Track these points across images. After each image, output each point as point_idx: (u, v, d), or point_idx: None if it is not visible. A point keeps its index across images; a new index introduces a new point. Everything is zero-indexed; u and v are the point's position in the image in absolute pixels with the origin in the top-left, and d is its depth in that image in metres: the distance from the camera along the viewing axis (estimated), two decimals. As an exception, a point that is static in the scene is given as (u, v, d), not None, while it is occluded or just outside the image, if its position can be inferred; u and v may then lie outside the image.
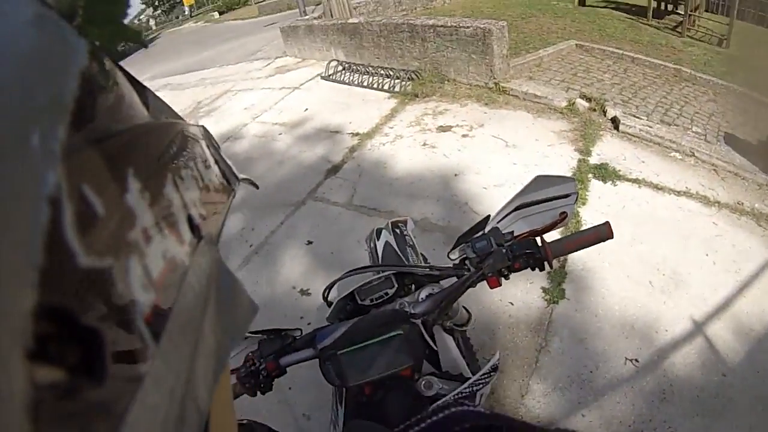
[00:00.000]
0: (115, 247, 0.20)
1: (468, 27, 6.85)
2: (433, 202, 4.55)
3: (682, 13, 11.82)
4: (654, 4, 12.75)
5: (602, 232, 1.25)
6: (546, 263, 1.25)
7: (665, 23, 12.36)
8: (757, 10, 18.69)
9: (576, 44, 8.81)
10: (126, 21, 0.33)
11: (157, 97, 0.33)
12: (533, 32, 10.04)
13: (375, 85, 7.87)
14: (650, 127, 5.61)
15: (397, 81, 7.61)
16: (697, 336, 3.27)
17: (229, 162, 0.39)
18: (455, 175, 4.91)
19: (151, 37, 58.67)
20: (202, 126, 0.38)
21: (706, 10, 13.74)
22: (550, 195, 1.30)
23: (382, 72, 8.05)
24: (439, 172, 5.02)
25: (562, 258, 3.72)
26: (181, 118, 0.35)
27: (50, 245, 0.16)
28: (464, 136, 5.68)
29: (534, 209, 1.31)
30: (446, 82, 7.22)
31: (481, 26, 6.73)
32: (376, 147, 5.83)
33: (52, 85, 0.19)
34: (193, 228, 0.28)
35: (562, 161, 4.98)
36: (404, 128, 6.13)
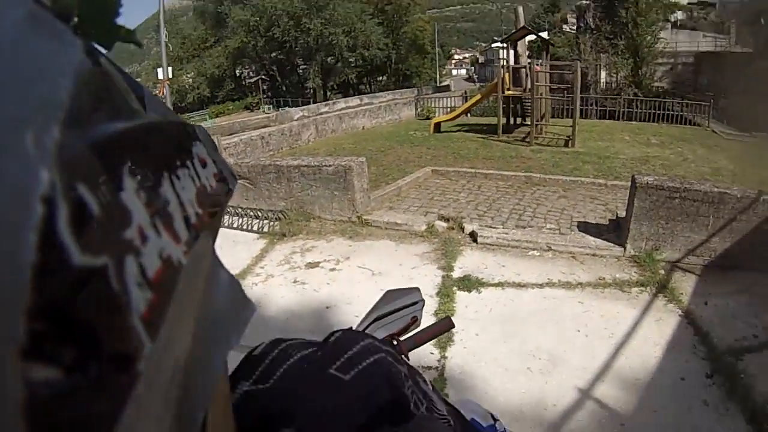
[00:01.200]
0: (110, 245, 0.20)
1: (330, 165, 7.11)
2: (308, 335, 4.29)
3: (530, 124, 12.70)
4: (503, 121, 13.66)
5: (444, 325, 1.44)
6: (402, 356, 1.32)
7: (515, 136, 13.27)
8: (598, 106, 20.58)
9: (432, 170, 9.34)
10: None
11: (154, 96, 0.32)
12: (392, 163, 10.59)
13: (244, 227, 7.87)
14: (506, 233, 5.92)
15: (265, 222, 7.70)
16: (587, 401, 3.37)
17: (227, 161, 0.39)
18: (327, 307, 4.92)
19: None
20: (200, 125, 0.38)
21: (553, 116, 14.87)
22: (400, 305, 1.40)
23: (251, 213, 8.13)
24: (311, 306, 5.00)
25: (440, 366, 3.76)
26: (178, 118, 0.35)
27: (45, 244, 0.16)
28: (332, 270, 5.76)
29: (389, 318, 1.41)
30: (312, 219, 7.36)
31: (342, 164, 7.00)
32: (248, 287, 5.49)
33: (47, 84, 0.19)
34: (190, 227, 0.28)
35: (426, 280, 5.10)
36: (274, 267, 6.10)
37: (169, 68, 18.85)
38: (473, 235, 5.98)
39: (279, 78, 47.11)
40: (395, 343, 1.35)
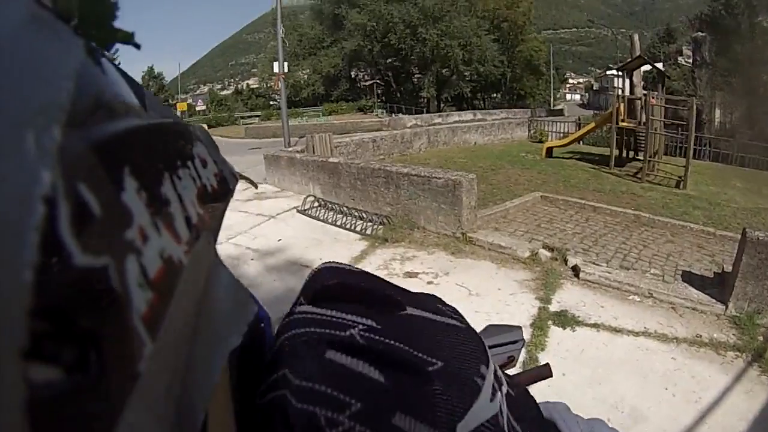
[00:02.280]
0: (111, 246, 0.20)
1: (440, 178, 7.07)
2: None
3: (642, 159, 12.35)
4: (616, 153, 13.31)
5: (543, 372, 1.32)
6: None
7: (626, 170, 12.87)
8: (711, 148, 19.65)
9: (541, 196, 9.18)
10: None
11: (155, 97, 0.33)
12: (501, 184, 10.50)
13: (348, 226, 8.02)
14: (609, 273, 5.75)
15: (369, 224, 7.71)
16: (661, 467, 3.23)
17: (228, 161, 0.40)
18: None
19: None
20: (200, 125, 0.38)
21: (665, 154, 14.38)
22: (499, 341, 1.32)
23: (355, 213, 8.16)
24: None
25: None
26: (178, 119, 0.35)
27: (46, 244, 0.16)
28: (429, 283, 5.72)
29: None
30: (416, 229, 7.33)
31: (452, 178, 6.94)
32: None
33: (48, 84, 0.20)
34: (191, 227, 0.29)
35: (522, 309, 5.03)
36: (372, 270, 5.85)
37: (285, 63, 19.29)
38: (576, 270, 5.85)
39: (394, 84, 47.92)
40: None
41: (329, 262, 0.51)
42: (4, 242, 0.15)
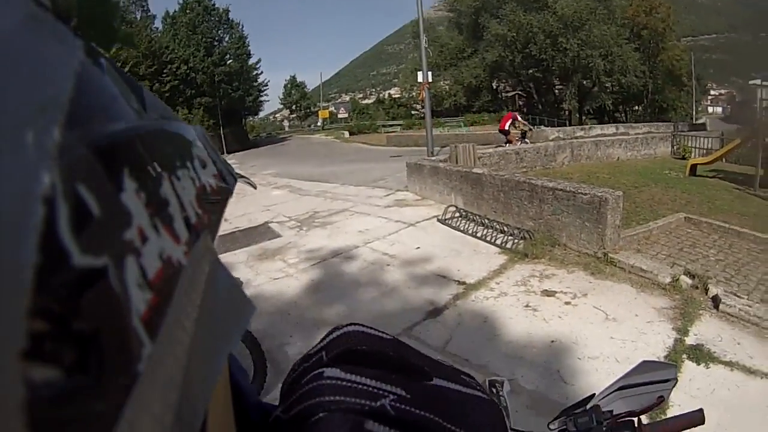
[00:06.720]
0: (110, 246, 0.20)
1: (586, 194, 6.77)
2: (526, 364, 4.41)
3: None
4: (761, 172, 12.37)
5: (695, 418, 1.25)
6: None
7: (773, 192, 11.88)
8: None
9: (685, 217, 8.66)
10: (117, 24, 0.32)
11: (154, 96, 0.33)
12: (645, 203, 10.03)
13: (488, 238, 7.76)
14: (749, 306, 5.31)
15: (510, 238, 7.48)
16: None
17: (227, 161, 0.39)
18: (552, 341, 4.75)
19: (282, 136, 64.62)
20: (199, 126, 0.38)
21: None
22: (651, 379, 1.28)
23: (497, 226, 7.92)
24: (536, 336, 4.87)
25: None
26: (178, 119, 0.35)
27: (45, 244, 0.16)
28: (567, 303, 5.56)
29: (634, 391, 1.29)
30: (557, 246, 7.07)
31: (598, 194, 6.63)
32: (479, 300, 5.66)
33: (47, 85, 0.19)
34: (190, 227, 0.28)
35: (658, 339, 4.79)
36: (510, 286, 5.98)
37: (429, 73, 19.32)
38: (716, 300, 5.46)
39: (535, 95, 47.24)
40: (636, 425, 1.22)
41: (355, 324, 0.49)
42: (3, 243, 0.15)
